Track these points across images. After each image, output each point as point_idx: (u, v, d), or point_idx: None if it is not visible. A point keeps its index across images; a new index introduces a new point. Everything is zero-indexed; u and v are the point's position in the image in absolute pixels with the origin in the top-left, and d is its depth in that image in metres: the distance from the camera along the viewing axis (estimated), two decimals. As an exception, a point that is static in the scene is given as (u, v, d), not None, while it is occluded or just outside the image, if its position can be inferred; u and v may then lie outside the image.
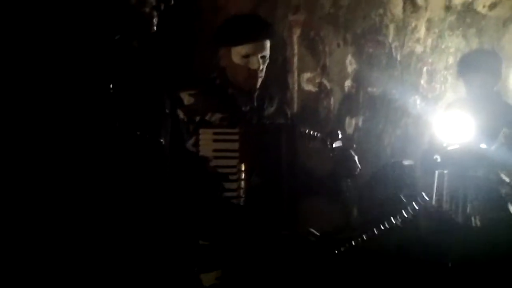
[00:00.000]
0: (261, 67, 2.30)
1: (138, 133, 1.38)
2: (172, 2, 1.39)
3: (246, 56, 2.27)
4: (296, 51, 3.65)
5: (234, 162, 2.18)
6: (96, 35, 1.32)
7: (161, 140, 1.46)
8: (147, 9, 1.34)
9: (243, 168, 2.18)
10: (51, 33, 1.26)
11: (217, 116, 2.30)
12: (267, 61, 2.35)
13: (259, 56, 2.29)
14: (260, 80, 2.35)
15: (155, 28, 1.39)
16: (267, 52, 2.32)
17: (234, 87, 2.36)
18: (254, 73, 2.30)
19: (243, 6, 3.23)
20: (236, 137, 2.19)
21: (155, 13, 1.36)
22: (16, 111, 1.19)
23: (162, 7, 1.38)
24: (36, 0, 1.31)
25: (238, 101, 2.36)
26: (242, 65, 2.28)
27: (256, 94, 2.43)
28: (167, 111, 1.51)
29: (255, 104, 2.41)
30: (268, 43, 2.32)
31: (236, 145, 2.19)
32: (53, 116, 1.22)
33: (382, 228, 2.75)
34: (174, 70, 2.26)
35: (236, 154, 2.18)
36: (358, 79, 3.89)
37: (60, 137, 1.22)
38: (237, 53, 2.28)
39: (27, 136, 1.19)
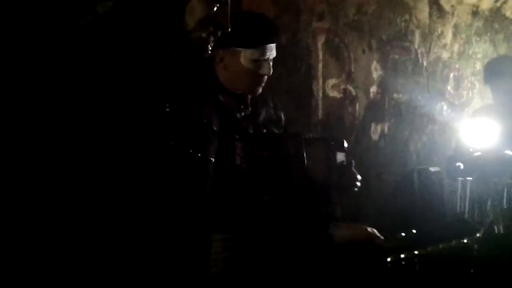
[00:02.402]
0: (271, 72, 2.17)
1: (191, 151, 1.42)
2: (229, 29, 1.42)
3: (257, 61, 2.11)
4: (320, 57, 3.64)
5: None
6: (154, 55, 1.37)
7: (211, 158, 1.50)
8: (204, 34, 1.38)
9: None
10: (112, 53, 1.30)
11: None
12: (271, 63, 2.18)
13: (270, 59, 2.15)
14: (261, 88, 2.20)
15: (209, 52, 1.43)
16: (275, 54, 2.17)
17: (224, 92, 2.17)
18: (261, 79, 2.17)
19: (266, 14, 3.24)
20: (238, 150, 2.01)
21: (211, 39, 1.40)
22: (77, 127, 1.23)
23: (219, 34, 1.42)
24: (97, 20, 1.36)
25: (230, 108, 2.16)
26: (252, 69, 2.11)
27: (249, 98, 2.25)
28: (215, 128, 1.54)
29: (249, 109, 2.24)
30: (274, 46, 2.16)
31: (236, 159, 2.01)
32: (112, 134, 1.26)
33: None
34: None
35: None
36: (383, 85, 3.88)
37: (118, 156, 1.26)
38: (248, 56, 2.10)
39: (87, 151, 1.24)
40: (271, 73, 2.17)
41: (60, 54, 1.27)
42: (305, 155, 2.10)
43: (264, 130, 2.27)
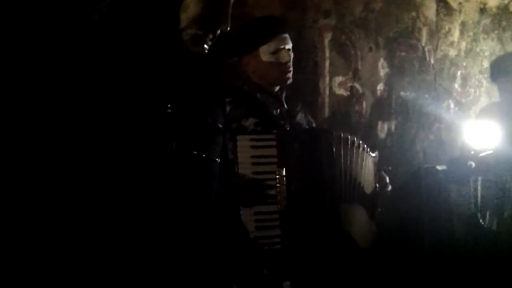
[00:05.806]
0: (291, 59, 2.39)
1: (195, 152, 1.40)
2: (229, 27, 1.41)
3: (275, 52, 2.34)
4: (327, 55, 3.62)
5: (272, 168, 2.17)
6: (154, 54, 1.35)
7: (217, 159, 1.49)
8: (200, 32, 1.36)
9: (283, 174, 2.16)
10: (113, 52, 1.28)
11: (251, 121, 2.33)
12: (292, 54, 2.42)
13: (287, 48, 2.37)
14: (291, 74, 2.41)
15: (206, 51, 1.42)
16: (291, 45, 2.40)
17: (262, 91, 2.40)
18: (286, 67, 2.37)
19: (272, 12, 3.23)
20: (274, 142, 2.18)
21: (209, 37, 1.39)
22: (82, 130, 1.21)
23: (218, 32, 1.40)
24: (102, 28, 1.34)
25: (267, 106, 2.40)
26: (273, 61, 2.34)
27: (283, 96, 2.46)
28: (220, 126, 1.52)
29: (285, 106, 2.44)
30: (288, 36, 2.40)
31: (273, 151, 2.17)
32: (114, 139, 1.24)
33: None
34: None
35: (274, 160, 2.17)
36: (390, 83, 3.85)
37: (119, 158, 1.24)
38: (265, 51, 2.34)
39: (89, 154, 1.21)
40: (291, 59, 2.38)
41: (65, 53, 1.25)
42: (340, 152, 2.27)
43: None
